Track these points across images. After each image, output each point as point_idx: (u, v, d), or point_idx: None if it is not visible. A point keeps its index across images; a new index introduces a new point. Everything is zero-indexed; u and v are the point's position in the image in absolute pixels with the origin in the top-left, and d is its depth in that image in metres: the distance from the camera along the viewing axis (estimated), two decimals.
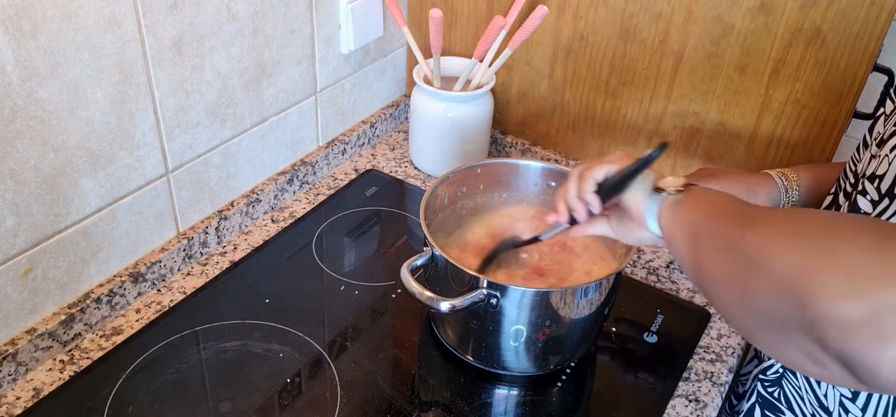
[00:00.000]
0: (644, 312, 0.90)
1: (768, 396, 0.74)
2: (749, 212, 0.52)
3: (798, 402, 0.71)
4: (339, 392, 0.78)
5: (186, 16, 0.82)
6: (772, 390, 0.73)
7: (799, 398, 0.71)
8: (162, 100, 0.84)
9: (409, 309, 0.90)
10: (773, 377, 0.73)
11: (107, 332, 0.84)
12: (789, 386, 0.72)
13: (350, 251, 1.01)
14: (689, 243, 0.56)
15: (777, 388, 0.73)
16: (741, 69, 0.95)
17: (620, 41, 1.02)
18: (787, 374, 0.71)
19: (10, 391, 0.76)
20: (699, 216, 0.57)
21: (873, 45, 0.85)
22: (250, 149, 0.99)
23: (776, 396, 0.73)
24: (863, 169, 0.67)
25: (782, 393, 0.72)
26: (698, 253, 0.55)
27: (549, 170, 0.89)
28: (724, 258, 0.51)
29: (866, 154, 0.68)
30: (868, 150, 0.69)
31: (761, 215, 0.50)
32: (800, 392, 0.71)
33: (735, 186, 0.82)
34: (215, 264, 0.95)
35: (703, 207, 0.57)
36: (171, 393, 0.77)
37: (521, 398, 0.81)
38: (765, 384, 0.74)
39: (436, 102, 1.08)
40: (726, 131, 1.00)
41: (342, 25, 1.07)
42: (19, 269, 0.75)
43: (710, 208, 0.56)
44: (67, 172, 0.76)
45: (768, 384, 0.73)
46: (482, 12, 1.13)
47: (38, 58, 0.69)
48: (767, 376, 0.73)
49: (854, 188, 0.67)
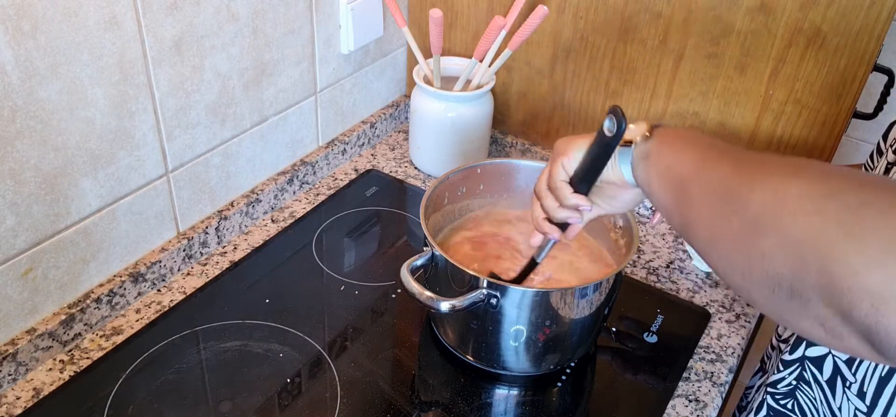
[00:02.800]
0: (644, 312, 0.90)
1: (780, 408, 0.72)
2: (746, 159, 0.47)
3: (812, 414, 0.70)
4: (339, 392, 0.78)
5: (186, 16, 0.82)
6: (784, 402, 0.72)
7: (813, 409, 0.70)
8: (162, 100, 0.84)
9: (409, 309, 0.90)
10: (785, 389, 0.72)
11: (107, 332, 0.84)
12: (803, 397, 0.70)
13: (350, 251, 1.01)
14: (675, 197, 0.52)
15: (790, 400, 0.71)
16: (741, 69, 0.95)
17: (620, 41, 1.02)
18: (801, 386, 0.70)
19: (10, 391, 0.76)
20: (685, 165, 0.52)
21: (873, 45, 0.85)
22: (250, 149, 1.00)
23: (789, 407, 0.72)
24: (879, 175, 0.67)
25: (796, 404, 0.71)
26: (687, 209, 0.50)
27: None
28: (722, 217, 0.46)
29: (882, 161, 0.68)
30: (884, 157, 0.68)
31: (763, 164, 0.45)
32: (814, 403, 0.70)
33: None
34: (215, 264, 0.95)
35: (684, 152, 0.52)
36: (171, 393, 0.77)
37: (521, 398, 0.81)
38: (776, 396, 0.73)
39: (436, 102, 1.08)
40: (726, 131, 1.00)
41: (342, 25, 1.07)
42: (19, 269, 0.75)
43: (693, 153, 0.51)
44: (67, 172, 0.76)
45: (779, 396, 0.72)
46: (482, 12, 1.13)
47: (38, 58, 0.69)
48: (778, 389, 0.72)
49: None
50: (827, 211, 0.39)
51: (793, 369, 0.69)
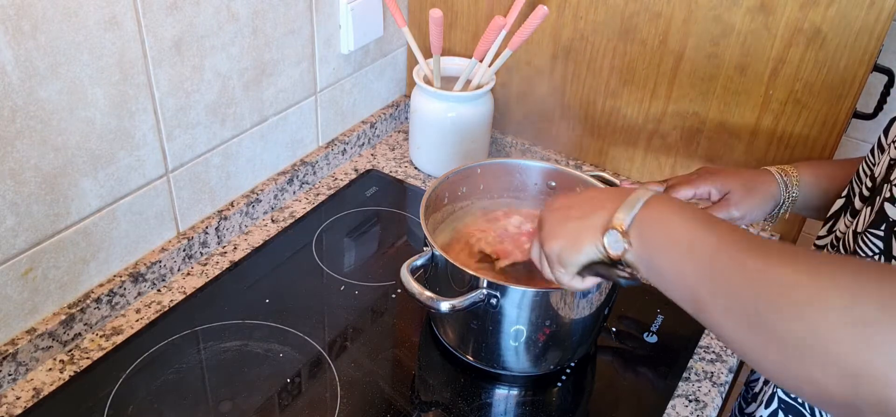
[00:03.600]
0: (644, 312, 0.90)
1: (791, 401, 0.72)
2: (751, 266, 0.44)
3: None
4: (339, 392, 0.78)
5: (186, 16, 0.82)
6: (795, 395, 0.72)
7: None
8: (162, 100, 0.84)
9: (409, 309, 0.90)
10: None
11: (107, 332, 0.84)
12: None
13: (350, 251, 1.01)
14: (689, 307, 0.50)
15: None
16: (741, 69, 0.95)
17: (620, 41, 1.02)
18: None
19: (10, 391, 0.76)
20: (687, 278, 0.49)
21: (873, 46, 0.85)
22: (250, 149, 1.00)
23: (800, 400, 0.72)
24: (881, 173, 0.67)
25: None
26: (708, 317, 0.48)
27: (549, 170, 0.89)
28: (755, 344, 0.43)
29: (884, 158, 0.67)
30: (886, 153, 0.68)
31: (780, 274, 0.42)
32: None
33: (734, 182, 0.81)
34: (215, 264, 0.95)
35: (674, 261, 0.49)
36: (171, 393, 0.77)
37: (521, 398, 0.81)
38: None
39: (436, 102, 1.08)
40: (726, 131, 1.00)
41: (342, 25, 1.07)
42: (19, 269, 0.75)
43: (689, 263, 0.48)
44: (67, 172, 0.76)
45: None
46: (482, 12, 1.13)
47: (38, 58, 0.69)
48: None
49: (874, 193, 0.66)
50: (873, 336, 0.37)
51: None
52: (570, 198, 0.62)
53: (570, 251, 0.59)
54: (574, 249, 0.59)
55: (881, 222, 0.61)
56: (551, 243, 0.61)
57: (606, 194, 0.59)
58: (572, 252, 0.59)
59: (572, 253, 0.59)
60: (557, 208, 0.62)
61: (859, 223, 0.66)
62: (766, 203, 0.81)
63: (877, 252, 0.60)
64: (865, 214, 0.66)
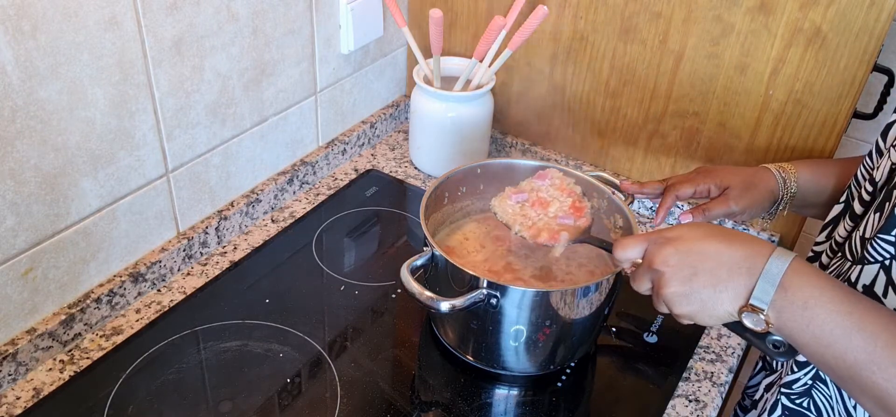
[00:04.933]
0: (644, 312, 0.90)
1: (795, 407, 0.72)
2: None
3: (827, 412, 0.70)
4: (339, 392, 0.78)
5: (186, 16, 0.82)
6: (800, 401, 0.71)
7: (829, 408, 0.69)
8: (162, 100, 0.84)
9: (409, 309, 0.90)
10: (801, 389, 0.71)
11: (107, 332, 0.84)
12: (819, 396, 0.70)
13: (350, 251, 1.01)
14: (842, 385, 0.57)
15: (806, 399, 0.71)
16: (741, 69, 0.95)
17: (620, 41, 1.02)
18: (817, 384, 0.70)
19: (10, 391, 0.76)
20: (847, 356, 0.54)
21: (873, 46, 0.85)
22: (250, 149, 1.00)
23: (805, 406, 0.71)
24: (881, 177, 0.66)
25: (812, 403, 0.70)
26: (859, 396, 0.55)
27: (548, 170, 0.89)
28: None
29: (883, 161, 0.67)
30: (885, 157, 0.67)
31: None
32: (830, 401, 0.69)
33: (734, 178, 0.81)
34: (215, 264, 0.95)
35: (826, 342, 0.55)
36: (171, 393, 0.77)
37: (521, 398, 0.81)
38: (791, 396, 0.72)
39: (436, 102, 1.08)
40: (726, 131, 1.00)
41: (342, 25, 1.07)
42: (19, 269, 0.75)
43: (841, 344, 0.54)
44: (67, 172, 0.76)
45: (795, 396, 0.72)
46: (482, 12, 1.13)
47: (38, 58, 0.69)
48: (793, 389, 0.71)
49: (876, 197, 0.66)
50: None
51: (809, 369, 0.69)
52: (689, 249, 0.61)
53: (703, 318, 0.61)
54: (709, 317, 0.61)
55: (892, 228, 0.60)
56: (680, 306, 0.62)
57: (734, 258, 0.59)
58: (707, 320, 0.61)
59: (707, 320, 0.62)
60: (675, 264, 0.61)
61: (866, 229, 0.65)
62: (765, 199, 0.81)
63: (888, 257, 0.60)
64: (873, 219, 0.65)
